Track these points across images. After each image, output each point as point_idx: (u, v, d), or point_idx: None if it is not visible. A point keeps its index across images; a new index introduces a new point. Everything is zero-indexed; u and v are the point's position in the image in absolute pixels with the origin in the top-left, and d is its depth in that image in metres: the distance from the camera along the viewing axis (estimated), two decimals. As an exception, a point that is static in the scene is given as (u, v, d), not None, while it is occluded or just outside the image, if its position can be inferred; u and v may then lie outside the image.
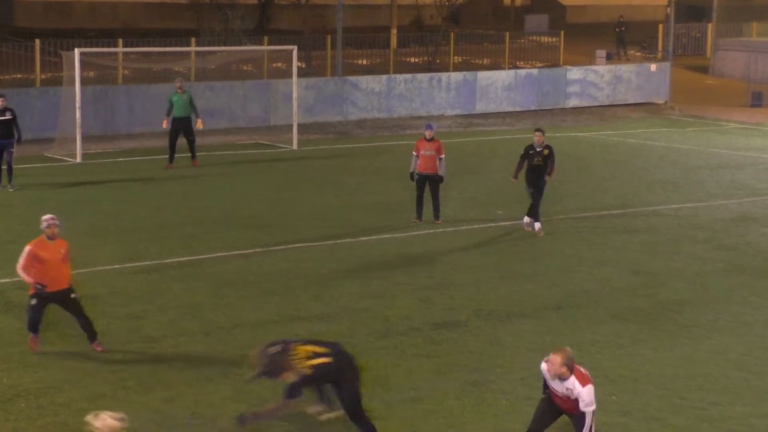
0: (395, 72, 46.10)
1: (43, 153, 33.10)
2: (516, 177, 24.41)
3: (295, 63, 35.71)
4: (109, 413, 10.25)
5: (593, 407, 12.07)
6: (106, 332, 17.18)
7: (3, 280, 19.90)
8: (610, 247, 23.44)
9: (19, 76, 41.09)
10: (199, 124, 31.90)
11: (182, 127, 31.32)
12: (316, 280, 20.48)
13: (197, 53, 40.57)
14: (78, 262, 20.92)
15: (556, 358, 12.09)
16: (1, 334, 17.13)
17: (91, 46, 35.26)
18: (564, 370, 12.06)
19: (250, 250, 22.55)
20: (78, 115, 32.14)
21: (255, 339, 17.02)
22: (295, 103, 35.86)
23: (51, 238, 16.34)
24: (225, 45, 43.11)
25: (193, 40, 40.77)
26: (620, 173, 31.97)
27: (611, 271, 21.45)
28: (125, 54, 39.49)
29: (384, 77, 43.90)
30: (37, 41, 37.34)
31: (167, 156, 31.50)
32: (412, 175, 24.88)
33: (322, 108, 41.56)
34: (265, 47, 42.60)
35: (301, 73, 37.83)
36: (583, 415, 12.04)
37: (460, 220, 25.43)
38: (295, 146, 35.48)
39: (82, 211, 26.06)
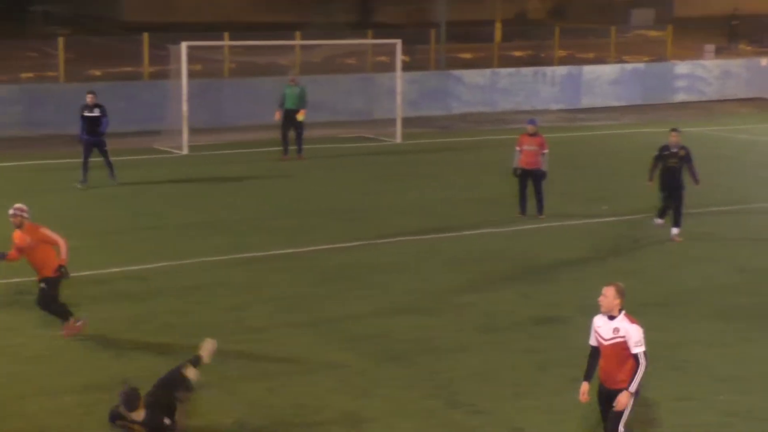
0: (499, 66, 45.91)
1: (151, 145, 33.55)
2: (651, 180, 23.37)
3: (398, 57, 35.73)
4: None
5: (643, 348, 11.80)
6: (210, 323, 17.37)
7: (112, 270, 20.21)
8: (716, 244, 23.12)
9: (128, 69, 41.66)
10: (299, 115, 31.96)
11: (292, 119, 31.83)
12: (418, 274, 20.48)
13: (301, 47, 40.79)
14: (183, 252, 21.23)
15: (610, 290, 11.91)
16: (110, 322, 17.38)
17: (197, 40, 35.58)
18: (617, 302, 11.88)
19: (353, 243, 22.62)
20: (185, 107, 32.52)
21: (357, 332, 17.12)
22: (399, 97, 35.89)
23: (18, 226, 16.56)
24: (328, 39, 43.28)
25: (297, 33, 40.98)
26: (730, 169, 31.49)
27: (717, 269, 21.15)
28: (231, 47, 39.85)
29: (488, 71, 43.75)
30: (146, 35, 37.81)
31: (281, 148, 31.84)
32: (515, 170, 24.69)
33: (426, 102, 41.54)
34: (368, 41, 42.68)
35: (404, 67, 37.83)
36: (634, 368, 11.74)
37: (564, 215, 25.25)
38: (398, 140, 35.52)
39: (188, 202, 26.36)
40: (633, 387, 11.84)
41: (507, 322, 17.77)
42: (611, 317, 11.94)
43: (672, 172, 22.99)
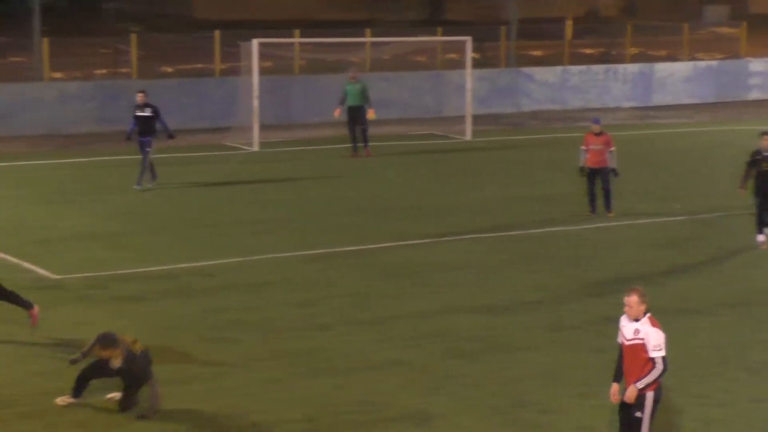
0: (570, 63, 45.60)
1: (221, 141, 33.73)
2: (743, 187, 22.33)
3: (468, 54, 35.63)
4: None
5: (663, 353, 11.73)
6: (278, 318, 17.43)
7: (180, 266, 20.34)
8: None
9: (199, 66, 41.94)
10: (370, 114, 31.89)
11: (355, 116, 31.70)
12: (485, 272, 20.40)
13: (371, 44, 40.80)
14: (251, 249, 21.31)
15: (632, 299, 11.84)
16: (179, 318, 17.49)
17: (268, 37, 35.71)
18: (642, 308, 11.82)
19: (419, 240, 22.58)
20: (255, 104, 32.67)
21: (423, 329, 17.07)
22: (468, 94, 35.79)
23: None
24: (398, 36, 43.23)
25: (367, 31, 40.99)
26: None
27: (791, 269, 20.84)
28: (301, 45, 39.96)
29: (558, 68, 43.48)
30: (217, 32, 38.03)
31: (350, 146, 31.83)
32: (582, 170, 24.53)
33: (496, 99, 41.38)
34: (438, 38, 42.59)
35: (475, 64, 37.70)
36: (649, 367, 11.70)
37: (634, 213, 25.01)
38: (468, 137, 35.42)
39: (257, 198, 26.47)
40: (641, 383, 11.80)
41: (575, 320, 17.64)
42: (636, 319, 11.93)
43: (766, 177, 21.96)
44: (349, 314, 17.83)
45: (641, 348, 11.83)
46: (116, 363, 13.66)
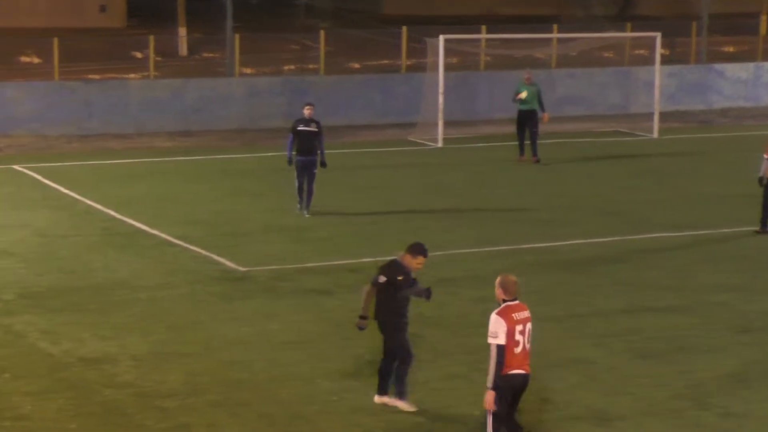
0: (763, 59, 44.52)
1: (406, 137, 33.96)
2: None
3: (658, 50, 35.12)
4: None
5: (493, 340, 11.82)
6: (464, 313, 17.51)
7: (365, 259, 20.56)
8: None
9: (385, 62, 42.33)
10: (545, 118, 30.64)
11: (527, 119, 30.53)
12: (672, 271, 20.12)
13: (558, 40, 40.56)
14: (434, 244, 21.35)
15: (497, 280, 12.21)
16: (361, 311, 17.68)
17: (454, 33, 35.83)
18: (498, 292, 12.21)
19: (606, 238, 22.39)
20: (440, 100, 32.81)
21: (606, 328, 16.93)
22: (657, 91, 35.28)
23: None
24: (586, 31, 42.85)
25: (554, 26, 40.75)
26: None
27: None
28: (487, 40, 39.96)
29: (751, 65, 42.50)
30: (404, 28, 38.31)
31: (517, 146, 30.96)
32: (761, 180, 22.91)
33: (685, 96, 40.68)
34: (627, 34, 42.08)
35: (664, 60, 37.15)
36: None
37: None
38: (655, 135, 34.92)
39: (440, 194, 26.59)
40: (488, 383, 11.87)
41: (763, 322, 17.26)
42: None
43: None
44: (533, 310, 17.65)
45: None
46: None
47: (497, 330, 11.87)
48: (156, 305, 17.88)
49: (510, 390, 11.97)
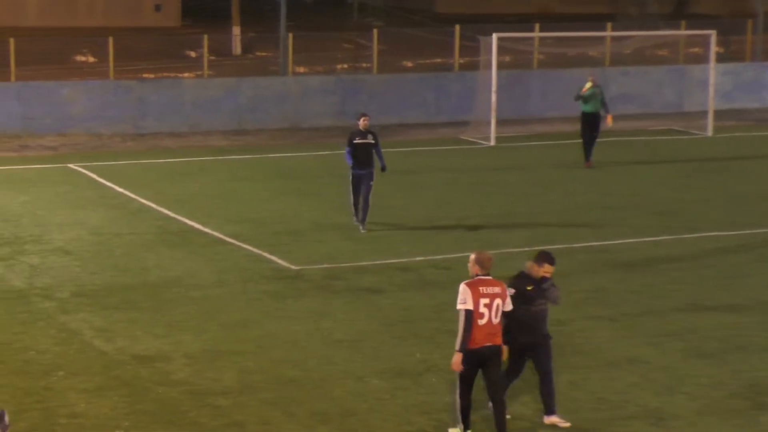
0: (820, 57, 44.04)
1: (459, 135, 33.90)
2: None
3: (713, 48, 34.84)
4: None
5: (462, 306, 12.39)
6: (513, 313, 17.41)
7: (417, 258, 20.55)
8: None
9: (438, 60, 42.27)
10: (609, 121, 29.83)
11: (590, 122, 29.51)
12: (727, 270, 19.95)
13: (612, 38, 40.33)
14: (487, 243, 21.34)
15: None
16: (415, 311, 17.68)
17: (507, 31, 35.72)
18: (474, 268, 12.67)
19: (660, 237, 22.24)
20: (493, 98, 32.71)
21: (661, 327, 16.81)
22: (711, 89, 34.99)
23: None
24: (640, 29, 42.58)
25: (608, 24, 40.54)
26: None
27: None
28: (540, 39, 39.81)
29: (808, 62, 42.08)
30: (457, 27, 38.22)
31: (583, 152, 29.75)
32: None
33: (740, 94, 40.32)
34: (681, 32, 41.75)
35: (719, 58, 36.84)
36: None
37: None
38: (709, 133, 34.64)
39: (494, 193, 26.51)
40: (457, 345, 12.52)
41: (821, 323, 17.08)
42: None
43: None
44: (587, 309, 17.70)
45: None
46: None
47: (465, 297, 12.49)
48: (209, 303, 17.95)
49: (476, 362, 12.54)
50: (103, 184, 26.85)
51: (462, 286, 12.53)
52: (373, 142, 22.62)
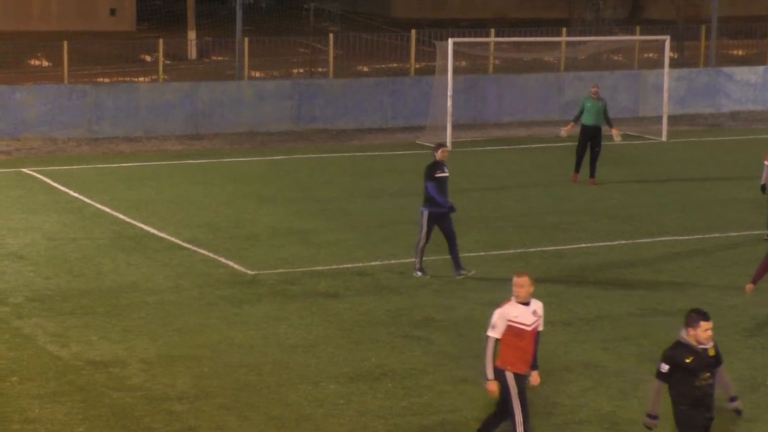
0: (772, 63, 44.43)
1: (415, 140, 33.95)
2: None
3: (667, 53, 35.10)
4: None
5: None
6: (470, 318, 17.50)
7: (374, 263, 20.57)
8: None
9: (394, 65, 42.32)
10: (615, 133, 28.69)
11: (591, 136, 28.06)
12: (681, 275, 20.10)
13: (567, 43, 40.54)
14: (442, 247, 21.38)
15: (524, 279, 12.47)
16: (371, 316, 17.71)
17: (464, 36, 35.83)
18: (533, 289, 12.50)
19: (615, 242, 22.37)
20: (449, 103, 32.80)
21: (616, 332, 16.92)
22: (666, 94, 35.25)
23: None
24: (596, 34, 42.82)
25: (564, 30, 40.75)
26: None
27: None
28: (496, 44, 39.95)
29: (761, 68, 42.38)
30: (413, 32, 38.31)
31: (574, 165, 28.50)
32: (763, 188, 22.64)
33: (694, 99, 40.61)
34: (636, 37, 42.03)
35: (673, 64, 37.11)
36: None
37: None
38: (664, 138, 34.88)
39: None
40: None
41: (773, 326, 17.24)
42: (526, 303, 12.46)
43: None
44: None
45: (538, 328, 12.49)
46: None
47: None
48: (165, 308, 17.90)
49: None
50: (57, 189, 26.70)
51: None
52: (448, 175, 20.17)
